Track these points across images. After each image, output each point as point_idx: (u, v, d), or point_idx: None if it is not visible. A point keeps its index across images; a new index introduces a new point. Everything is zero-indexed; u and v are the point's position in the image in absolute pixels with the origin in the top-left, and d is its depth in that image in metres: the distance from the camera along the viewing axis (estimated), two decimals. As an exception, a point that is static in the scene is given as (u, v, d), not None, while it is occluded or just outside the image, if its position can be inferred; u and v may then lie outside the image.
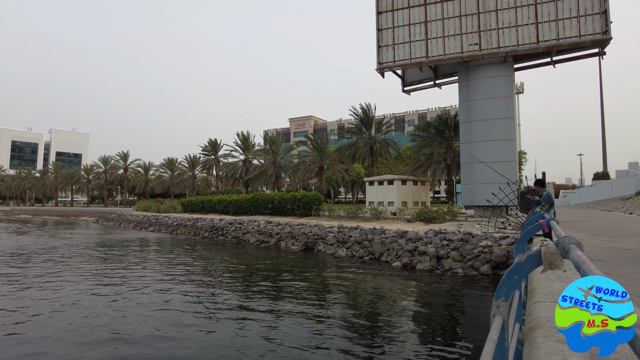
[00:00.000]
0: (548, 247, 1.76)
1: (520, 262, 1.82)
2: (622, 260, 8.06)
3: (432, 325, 9.77)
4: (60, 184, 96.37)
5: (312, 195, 32.57)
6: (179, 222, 38.78)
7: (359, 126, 46.40)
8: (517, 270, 1.81)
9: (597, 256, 8.55)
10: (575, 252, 1.50)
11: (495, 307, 1.83)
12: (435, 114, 65.63)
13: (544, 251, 1.75)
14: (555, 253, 1.73)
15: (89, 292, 12.71)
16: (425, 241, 18.05)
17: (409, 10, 26.22)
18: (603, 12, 21.69)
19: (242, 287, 13.93)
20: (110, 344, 8.17)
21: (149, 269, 17.08)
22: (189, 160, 73.28)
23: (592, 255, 8.76)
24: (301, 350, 7.90)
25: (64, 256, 21.12)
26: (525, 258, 1.81)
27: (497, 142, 24.35)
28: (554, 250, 1.74)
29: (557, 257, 1.72)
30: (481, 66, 25.16)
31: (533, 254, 1.81)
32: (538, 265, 1.81)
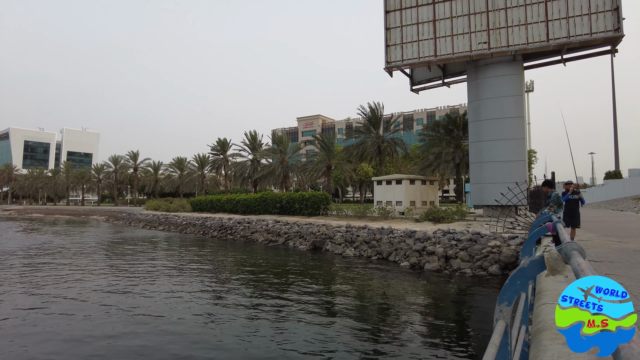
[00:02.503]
0: (551, 253, 1.77)
1: (524, 267, 1.84)
2: (633, 262, 7.97)
3: (440, 326, 9.76)
4: (72, 183, 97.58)
5: (320, 194, 32.62)
6: (188, 221, 39.08)
7: (367, 125, 46.31)
8: (520, 275, 1.83)
9: (607, 258, 8.47)
10: (576, 258, 1.52)
11: (499, 311, 1.85)
12: (444, 113, 65.29)
13: (547, 257, 1.77)
14: (558, 259, 1.75)
15: (99, 290, 12.91)
16: (434, 241, 17.99)
17: (417, 9, 26.11)
18: (615, 9, 21.39)
19: (250, 286, 14.03)
20: (112, 341, 8.31)
21: (158, 268, 17.26)
22: (198, 159, 73.74)
23: (602, 256, 8.67)
24: (309, 350, 7.95)
25: (75, 254, 21.43)
26: (529, 263, 1.83)
27: (507, 141, 24.17)
28: (557, 256, 1.76)
29: (559, 262, 1.74)
30: (490, 65, 24.97)
31: (536, 259, 1.83)
32: (541, 270, 1.83)
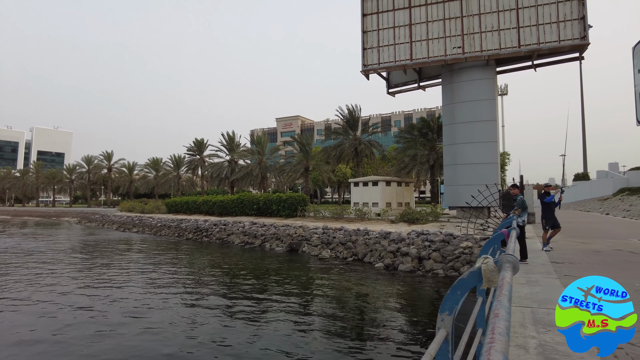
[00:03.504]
0: (488, 265, 1.86)
1: (464, 278, 1.91)
2: (592, 262, 8.32)
3: (412, 326, 9.91)
4: (42, 184, 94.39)
5: (297, 196, 32.59)
6: (163, 223, 38.39)
7: (345, 127, 46.51)
8: (460, 285, 1.90)
9: (568, 259, 8.80)
10: (504, 272, 1.60)
11: (440, 320, 1.92)
12: (421, 115, 66.13)
13: (484, 268, 1.85)
14: (494, 270, 1.83)
15: (67, 294, 12.55)
16: (408, 242, 18.25)
17: (394, 12, 26.44)
18: (581, 17, 22.20)
19: (225, 289, 13.90)
20: (87, 345, 8.11)
21: (130, 271, 16.90)
22: (174, 160, 72.51)
23: (565, 258, 9.01)
24: (284, 349, 7.95)
25: (44, 258, 20.75)
26: (468, 274, 1.91)
27: (480, 144, 24.73)
28: (493, 267, 1.84)
29: (495, 274, 1.82)
30: (464, 69, 25.50)
31: (475, 270, 1.90)
32: (480, 281, 1.91)
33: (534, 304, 5.16)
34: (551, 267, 7.80)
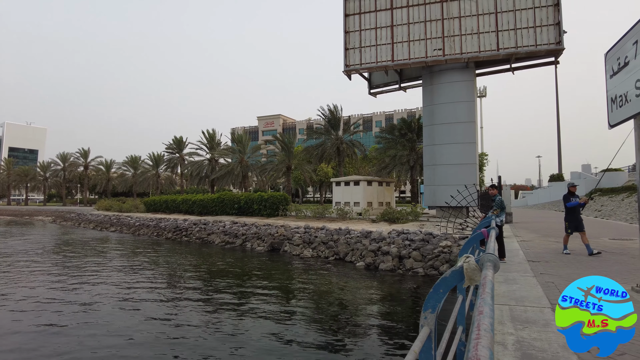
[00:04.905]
0: (470, 264, 1.91)
1: (446, 277, 1.96)
2: (565, 261, 8.61)
3: (393, 324, 10.03)
4: (13, 182, 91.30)
5: (279, 195, 32.49)
6: (142, 222, 37.69)
7: (327, 127, 46.65)
8: (443, 284, 1.95)
9: (543, 258, 9.08)
10: (486, 271, 1.65)
11: (423, 318, 1.96)
12: (402, 116, 66.81)
13: (466, 267, 1.90)
14: (476, 269, 1.89)
15: (42, 296, 12.21)
16: (389, 241, 18.43)
17: (376, 13, 26.63)
18: (557, 23, 22.83)
19: (205, 288, 13.76)
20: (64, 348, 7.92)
21: (108, 271, 16.55)
22: (153, 158, 71.26)
23: (540, 257, 9.28)
24: (265, 348, 7.93)
25: (15, 258, 20.11)
26: (450, 273, 1.96)
27: (459, 144, 25.16)
28: (475, 266, 1.89)
29: (477, 273, 1.88)
30: (444, 71, 25.91)
31: (457, 269, 1.96)
32: (462, 280, 1.96)
33: (511, 301, 5.30)
34: (528, 265, 8.03)
